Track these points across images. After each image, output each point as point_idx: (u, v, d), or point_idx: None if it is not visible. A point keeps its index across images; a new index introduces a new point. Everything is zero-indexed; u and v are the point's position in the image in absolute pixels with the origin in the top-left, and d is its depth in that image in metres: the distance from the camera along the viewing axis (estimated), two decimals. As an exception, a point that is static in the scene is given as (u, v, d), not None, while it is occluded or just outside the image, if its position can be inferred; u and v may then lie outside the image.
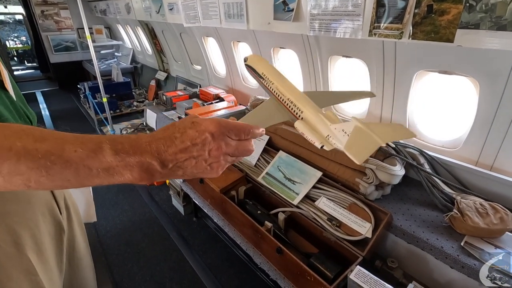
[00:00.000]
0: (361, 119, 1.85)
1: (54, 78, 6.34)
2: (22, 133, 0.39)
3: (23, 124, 0.65)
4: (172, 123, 0.45)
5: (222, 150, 0.44)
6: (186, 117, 0.47)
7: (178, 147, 0.42)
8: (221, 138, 0.44)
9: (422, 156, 1.39)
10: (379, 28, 1.20)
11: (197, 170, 0.44)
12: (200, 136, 0.42)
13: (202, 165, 0.44)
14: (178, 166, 0.43)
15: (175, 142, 0.42)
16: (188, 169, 0.43)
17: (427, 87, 1.46)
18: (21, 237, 0.62)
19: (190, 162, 0.43)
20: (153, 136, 0.43)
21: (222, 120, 0.45)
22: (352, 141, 0.52)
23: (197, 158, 0.43)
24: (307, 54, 1.87)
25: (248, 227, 1.42)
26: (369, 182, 1.30)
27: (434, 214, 1.29)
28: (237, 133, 0.46)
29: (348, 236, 1.23)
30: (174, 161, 0.42)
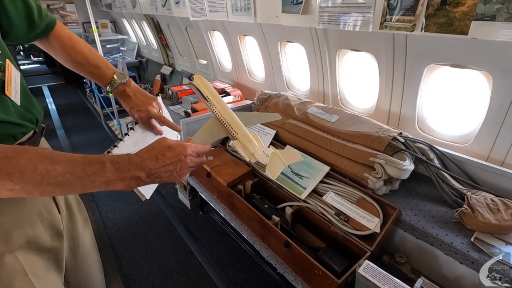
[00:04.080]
0: (370, 114, 1.82)
1: (60, 72, 6.38)
2: (41, 156, 0.51)
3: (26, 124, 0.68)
4: (151, 146, 0.63)
5: (188, 165, 0.65)
6: (160, 141, 0.64)
7: (160, 164, 0.60)
8: (188, 157, 0.64)
9: (432, 151, 1.37)
10: (390, 21, 1.18)
11: (169, 178, 0.63)
12: (175, 157, 0.62)
13: (173, 175, 0.63)
14: (157, 176, 0.61)
15: (157, 161, 0.60)
16: (163, 178, 0.62)
17: (437, 81, 1.44)
18: (12, 236, 0.64)
19: (166, 174, 0.62)
20: (141, 157, 0.60)
21: (188, 145, 0.65)
22: (270, 164, 0.75)
23: (171, 171, 0.62)
24: (314, 48, 1.85)
25: (255, 221, 1.42)
26: (378, 177, 1.29)
27: (443, 209, 1.28)
28: (198, 152, 0.68)
29: (356, 231, 1.23)
30: (156, 174, 0.60)
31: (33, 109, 0.73)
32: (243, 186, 1.62)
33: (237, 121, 0.78)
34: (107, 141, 3.62)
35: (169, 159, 0.61)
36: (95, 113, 4.52)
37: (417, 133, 1.57)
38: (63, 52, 0.88)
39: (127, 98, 0.86)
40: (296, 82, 2.33)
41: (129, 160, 0.58)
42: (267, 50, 2.27)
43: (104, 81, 0.88)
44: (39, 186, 0.50)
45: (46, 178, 0.50)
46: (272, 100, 1.92)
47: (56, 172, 0.51)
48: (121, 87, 0.87)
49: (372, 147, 1.37)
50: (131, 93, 0.86)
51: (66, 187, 0.53)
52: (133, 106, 0.85)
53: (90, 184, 0.54)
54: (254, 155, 0.76)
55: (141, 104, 0.85)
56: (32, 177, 0.49)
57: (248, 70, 2.73)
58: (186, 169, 0.65)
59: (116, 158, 0.58)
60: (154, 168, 0.59)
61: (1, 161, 0.48)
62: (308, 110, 1.71)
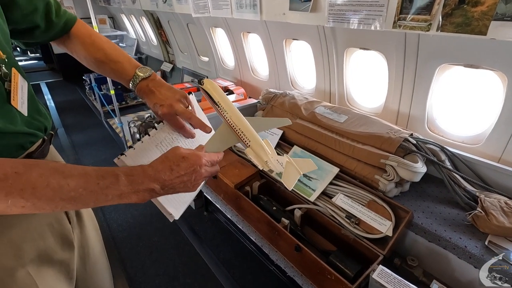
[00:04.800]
0: (377, 113, 1.79)
1: (58, 69, 6.29)
2: (53, 170, 0.49)
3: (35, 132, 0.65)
4: (165, 156, 0.61)
5: (202, 176, 0.63)
6: (174, 150, 0.62)
7: (174, 175, 0.58)
8: (203, 167, 0.62)
9: (443, 152, 1.35)
10: (404, 20, 1.15)
11: (184, 189, 0.61)
12: (190, 167, 0.60)
13: (188, 186, 0.61)
14: (172, 188, 0.59)
15: (172, 172, 0.58)
16: (177, 189, 0.60)
17: (449, 81, 1.42)
18: (22, 250, 0.62)
19: (180, 185, 0.60)
20: (155, 168, 0.58)
21: (203, 154, 0.63)
22: (286, 173, 0.72)
23: (186, 182, 0.60)
24: (321, 46, 1.81)
25: (264, 224, 1.40)
26: (390, 179, 1.27)
27: (455, 212, 1.26)
28: (212, 162, 0.66)
29: (368, 234, 1.21)
30: (170, 185, 0.58)
31: (41, 117, 0.70)
32: (250, 188, 1.60)
33: (249, 128, 0.75)
34: (108, 140, 3.59)
35: (184, 170, 0.59)
36: (95, 111, 4.47)
37: (426, 133, 1.55)
38: (84, 50, 0.81)
39: (150, 94, 0.77)
40: (301, 81, 2.30)
41: (143, 172, 0.56)
42: (271, 47, 2.23)
43: (125, 77, 0.80)
44: (51, 202, 0.48)
45: (59, 194, 0.48)
46: (278, 99, 1.89)
47: (69, 186, 0.49)
48: (143, 82, 0.78)
49: (383, 148, 1.35)
50: (155, 88, 0.77)
51: (79, 202, 0.51)
52: (156, 102, 0.76)
53: (104, 198, 0.52)
54: (267, 163, 0.73)
55: (165, 99, 0.75)
56: (44, 193, 0.47)
57: (251, 67, 2.70)
58: (200, 179, 0.63)
59: (130, 170, 0.56)
60: (168, 179, 0.57)
61: (11, 177, 0.45)
62: (315, 110, 1.68)
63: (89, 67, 0.85)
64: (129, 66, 0.80)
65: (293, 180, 0.71)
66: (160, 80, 0.80)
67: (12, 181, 0.45)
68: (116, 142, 3.50)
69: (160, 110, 0.74)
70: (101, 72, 0.84)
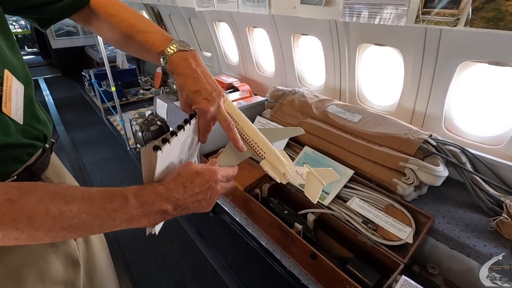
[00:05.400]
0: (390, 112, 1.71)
1: (56, 64, 6.19)
2: (53, 195, 0.43)
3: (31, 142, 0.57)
4: (177, 172, 0.53)
5: (218, 192, 0.56)
6: (186, 166, 0.55)
7: (188, 193, 0.52)
8: (218, 184, 0.55)
9: (464, 154, 1.29)
10: (428, 14, 1.08)
11: (198, 209, 0.55)
12: (205, 184, 0.53)
13: (202, 205, 0.54)
14: (185, 208, 0.52)
15: (186, 190, 0.52)
16: (191, 209, 0.54)
17: (470, 79, 1.35)
18: (23, 275, 0.56)
19: (194, 204, 0.53)
20: (167, 187, 0.51)
21: (218, 169, 0.56)
22: (308, 186, 0.66)
23: (200, 201, 0.54)
24: (333, 42, 1.74)
25: (276, 228, 1.35)
26: (409, 183, 1.21)
27: (476, 216, 1.21)
28: (228, 177, 0.59)
29: (387, 241, 1.16)
30: (184, 205, 0.52)
31: (40, 124, 0.63)
32: (260, 190, 1.54)
33: (263, 139, 0.69)
34: (108, 137, 3.52)
35: (198, 187, 0.53)
36: (95, 108, 4.38)
37: (443, 133, 1.49)
38: (108, 24, 0.67)
39: (184, 77, 0.60)
40: (309, 77, 2.22)
41: (154, 191, 0.50)
42: (278, 43, 2.15)
43: (155, 49, 0.63)
44: (51, 232, 0.42)
45: (60, 222, 0.42)
46: (287, 97, 1.82)
47: (72, 213, 0.42)
48: (178, 59, 0.61)
49: (401, 150, 1.29)
50: (192, 70, 0.61)
51: (82, 229, 0.45)
52: (190, 91, 0.60)
53: (111, 223, 0.46)
54: (285, 175, 0.67)
55: (202, 91, 0.60)
56: (42, 222, 0.41)
57: (256, 63, 2.62)
58: (216, 197, 0.56)
59: (139, 190, 0.49)
60: (182, 198, 0.51)
61: (3, 205, 0.39)
62: (327, 109, 1.61)
63: (116, 46, 0.72)
64: (161, 37, 0.64)
65: (317, 192, 0.65)
66: (200, 62, 0.63)
67: (4, 209, 0.39)
68: (117, 139, 3.43)
69: (196, 104, 0.59)
70: (129, 49, 0.70)
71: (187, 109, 0.62)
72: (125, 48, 0.71)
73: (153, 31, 0.66)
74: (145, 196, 0.48)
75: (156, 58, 0.64)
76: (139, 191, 0.49)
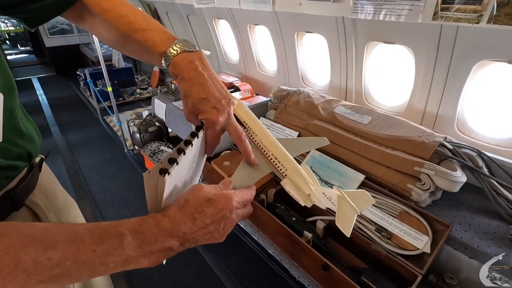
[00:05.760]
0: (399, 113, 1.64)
1: (50, 63, 6.05)
2: (27, 240, 0.33)
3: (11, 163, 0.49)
4: (185, 199, 0.45)
5: (233, 222, 0.48)
6: (195, 191, 0.46)
7: (198, 226, 0.44)
8: (234, 212, 0.47)
9: (480, 157, 1.23)
10: (447, 10, 1.01)
11: (209, 241, 0.47)
12: (218, 214, 0.45)
13: (214, 236, 0.47)
14: (194, 242, 0.45)
15: (195, 222, 0.43)
16: (200, 242, 0.46)
17: (485, 78, 1.29)
18: None
19: (205, 237, 0.45)
20: (173, 219, 0.43)
21: (233, 194, 0.48)
22: (340, 213, 0.55)
23: (212, 233, 0.46)
24: (339, 40, 1.67)
25: (284, 237, 1.28)
26: (425, 189, 1.15)
27: (494, 223, 1.15)
28: (244, 202, 0.50)
29: (402, 250, 1.10)
30: (192, 239, 0.44)
31: (23, 140, 0.54)
32: (265, 195, 1.47)
33: (284, 153, 0.60)
34: (105, 139, 3.42)
35: (210, 218, 0.44)
36: (91, 108, 4.28)
37: (455, 135, 1.43)
38: (104, 20, 0.59)
39: (188, 83, 0.53)
40: (313, 76, 2.16)
41: (157, 225, 0.41)
42: (281, 41, 2.08)
43: (156, 49, 0.56)
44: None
45: (36, 275, 0.33)
46: (292, 97, 1.75)
47: (52, 262, 0.34)
48: (182, 60, 0.53)
49: (415, 154, 1.22)
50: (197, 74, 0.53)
51: (66, 279, 0.36)
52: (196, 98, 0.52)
53: (102, 268, 0.37)
54: (310, 197, 0.58)
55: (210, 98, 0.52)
56: (12, 277, 0.31)
57: (257, 62, 2.54)
58: (230, 227, 0.49)
59: (139, 225, 0.40)
60: (190, 232, 0.43)
61: None
62: (335, 110, 1.55)
63: (113, 46, 0.64)
64: (163, 35, 0.57)
65: (350, 222, 0.54)
66: (207, 65, 0.55)
67: None
68: (115, 141, 3.34)
69: (204, 114, 0.52)
70: (127, 50, 0.62)
71: (192, 119, 0.55)
72: (123, 49, 0.63)
73: (154, 29, 0.58)
74: (145, 232, 0.40)
75: (158, 59, 0.56)
76: (138, 226, 0.40)
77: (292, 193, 0.59)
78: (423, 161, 1.17)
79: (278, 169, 0.60)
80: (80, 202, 2.28)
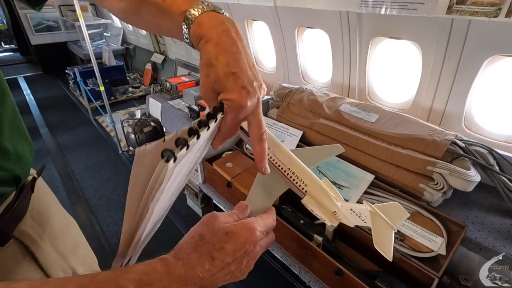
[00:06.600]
0: (404, 110, 1.60)
1: (36, 61, 5.84)
2: None
3: None
4: (199, 235, 0.39)
5: (257, 256, 0.42)
6: (210, 223, 0.40)
7: (218, 266, 0.37)
8: (257, 244, 0.41)
9: (491, 155, 1.21)
10: (463, 4, 0.97)
11: (229, 281, 0.40)
12: (241, 249, 0.38)
13: (235, 275, 0.40)
14: (212, 286, 0.37)
15: (213, 264, 0.36)
16: (219, 284, 0.38)
17: (495, 73, 1.26)
18: None
19: (225, 277, 0.38)
20: (187, 263, 0.35)
21: (255, 222, 0.42)
22: (376, 232, 0.48)
23: (233, 272, 0.39)
24: (343, 35, 1.62)
25: (292, 241, 1.24)
26: (438, 189, 1.12)
27: (507, 222, 1.13)
28: (268, 230, 0.45)
29: (416, 252, 1.07)
30: (211, 283, 0.37)
31: (9, 160, 0.45)
32: (271, 197, 1.42)
33: (302, 167, 0.53)
34: (98, 140, 3.31)
35: (231, 255, 0.37)
36: (81, 107, 4.14)
37: (463, 131, 1.41)
38: None
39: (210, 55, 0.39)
40: (313, 73, 2.11)
41: (168, 273, 0.34)
42: (281, 37, 2.02)
43: (175, 11, 0.42)
44: None
45: None
46: (295, 95, 1.70)
47: None
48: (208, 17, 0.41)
49: (426, 152, 1.19)
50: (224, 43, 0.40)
51: None
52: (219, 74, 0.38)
53: None
54: (336, 215, 0.52)
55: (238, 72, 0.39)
56: None
57: (256, 59, 2.48)
58: (254, 262, 0.41)
59: (146, 274, 0.32)
60: (209, 276, 0.36)
61: None
62: (340, 108, 1.50)
63: (126, 17, 0.52)
64: None
65: (389, 241, 0.47)
66: (240, 33, 0.43)
67: None
68: (108, 142, 3.24)
69: (228, 93, 0.38)
70: (141, 19, 0.49)
71: (210, 97, 0.40)
72: (136, 18, 0.50)
73: None
74: (154, 283, 0.32)
75: (177, 23, 0.42)
76: (145, 276, 0.32)
77: (316, 212, 0.53)
78: (435, 160, 1.14)
79: (297, 186, 0.53)
80: (74, 207, 2.18)
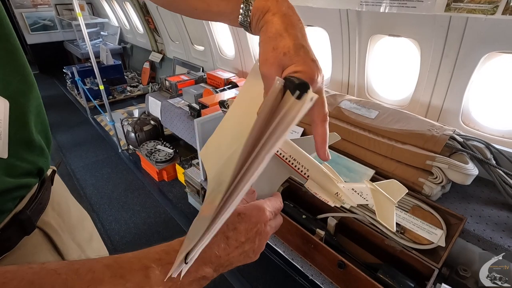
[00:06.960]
0: (403, 106, 1.63)
1: (33, 61, 5.79)
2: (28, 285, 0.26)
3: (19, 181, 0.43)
4: None
5: (268, 235, 0.42)
6: None
7: (232, 246, 0.38)
8: (267, 224, 0.41)
9: (488, 149, 1.24)
10: (460, 1, 1.00)
11: (243, 262, 0.40)
12: (253, 229, 0.39)
13: (249, 255, 0.40)
14: (228, 265, 0.38)
15: (228, 242, 0.37)
16: (235, 264, 0.39)
17: (492, 70, 1.29)
18: None
19: (240, 257, 0.39)
20: None
21: (265, 203, 0.43)
22: (379, 207, 0.50)
23: (247, 252, 0.39)
24: (342, 33, 1.64)
25: (295, 235, 1.26)
26: (437, 183, 1.15)
27: (504, 214, 1.16)
28: (276, 212, 0.45)
29: (416, 245, 1.10)
30: (227, 262, 0.38)
31: (33, 152, 0.47)
32: (273, 193, 1.44)
33: (302, 153, 0.55)
34: (97, 139, 3.31)
35: (244, 235, 0.38)
36: (79, 107, 4.12)
37: (460, 127, 1.44)
38: None
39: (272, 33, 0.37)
40: (313, 71, 2.13)
41: None
42: (281, 35, 2.03)
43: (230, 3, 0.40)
44: None
45: None
46: (295, 93, 1.71)
47: None
48: None
49: (426, 148, 1.22)
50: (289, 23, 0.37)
51: None
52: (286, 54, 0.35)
53: None
54: (338, 196, 0.54)
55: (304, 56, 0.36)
56: None
57: (255, 57, 2.49)
58: (265, 242, 0.43)
59: (166, 253, 0.34)
60: (225, 254, 0.37)
61: None
62: (340, 105, 1.52)
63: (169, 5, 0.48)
64: None
65: (391, 215, 0.51)
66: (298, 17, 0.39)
67: None
68: (107, 141, 3.23)
69: (300, 65, 0.35)
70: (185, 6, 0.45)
71: (273, 73, 0.36)
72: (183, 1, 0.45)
73: None
74: None
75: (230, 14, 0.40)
76: (165, 255, 0.33)
77: (319, 195, 0.54)
78: (434, 155, 1.16)
79: (299, 171, 0.54)
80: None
